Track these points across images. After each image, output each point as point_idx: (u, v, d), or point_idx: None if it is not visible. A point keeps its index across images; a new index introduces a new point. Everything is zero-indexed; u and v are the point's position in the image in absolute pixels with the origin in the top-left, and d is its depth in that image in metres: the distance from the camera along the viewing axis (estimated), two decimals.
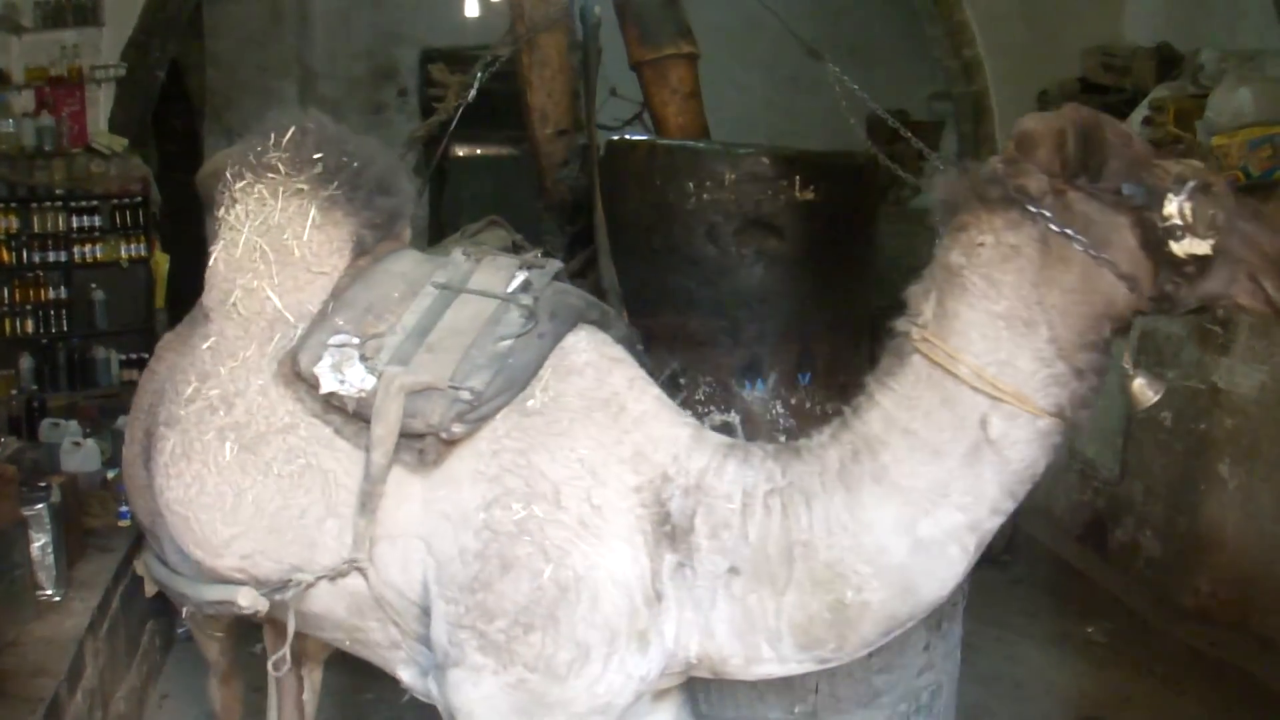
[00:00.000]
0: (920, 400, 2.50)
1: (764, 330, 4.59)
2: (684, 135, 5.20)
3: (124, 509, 5.87)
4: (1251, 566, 5.66)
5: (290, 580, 2.86)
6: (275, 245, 3.08)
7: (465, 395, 2.70)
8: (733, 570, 2.63)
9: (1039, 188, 2.38)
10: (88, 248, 8.50)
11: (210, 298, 3.15)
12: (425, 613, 2.79)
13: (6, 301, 8.39)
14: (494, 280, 3.02)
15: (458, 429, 2.69)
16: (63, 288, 8.54)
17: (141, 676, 5.56)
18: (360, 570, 2.79)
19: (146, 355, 8.33)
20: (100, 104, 8.41)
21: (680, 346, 4.31)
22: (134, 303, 8.70)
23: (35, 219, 8.40)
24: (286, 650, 2.95)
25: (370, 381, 2.78)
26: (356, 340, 2.88)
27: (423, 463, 2.72)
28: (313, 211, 3.07)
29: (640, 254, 4.68)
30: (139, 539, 5.74)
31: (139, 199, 8.57)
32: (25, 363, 8.23)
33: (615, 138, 5.68)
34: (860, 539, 2.55)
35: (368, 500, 2.74)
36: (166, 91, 9.50)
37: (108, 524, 5.77)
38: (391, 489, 2.75)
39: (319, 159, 3.10)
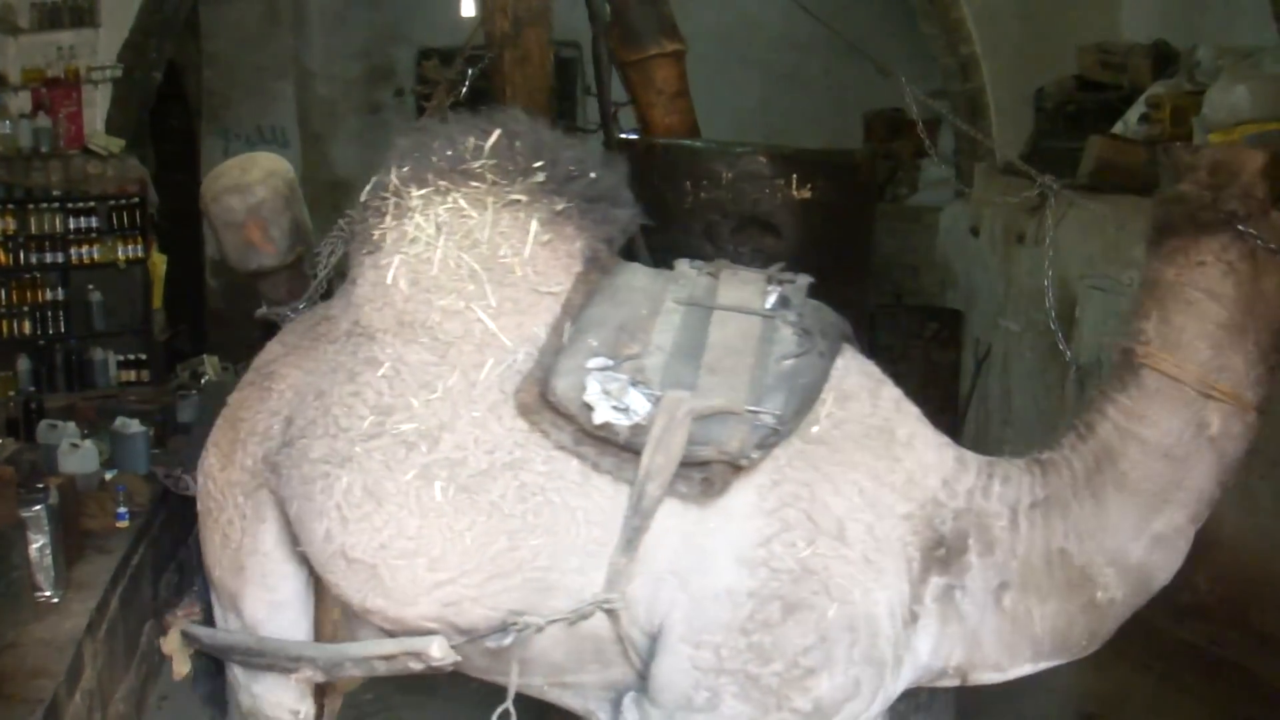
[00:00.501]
0: (1150, 410, 2.68)
1: None
2: (672, 135, 5.17)
3: (122, 510, 5.87)
4: (1250, 563, 5.65)
5: (514, 624, 2.63)
6: (488, 263, 2.79)
7: (768, 419, 2.56)
8: (1003, 585, 2.73)
9: (1247, 210, 2.61)
10: (85, 249, 8.50)
11: (379, 318, 2.87)
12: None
13: (4, 303, 8.38)
14: (745, 296, 2.83)
15: (756, 455, 2.55)
16: (60, 289, 8.53)
17: (140, 677, 5.55)
18: (610, 611, 2.62)
19: (144, 356, 8.48)
20: (97, 105, 8.40)
21: None
22: (131, 304, 8.70)
23: (32, 220, 8.39)
24: (510, 705, 2.70)
25: (648, 407, 2.58)
26: (611, 363, 2.66)
27: (706, 494, 2.56)
28: (534, 225, 2.81)
29: (637, 253, 4.68)
30: (136, 543, 5.70)
31: (136, 200, 8.57)
32: (23, 364, 8.23)
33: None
34: (1104, 542, 2.72)
35: (634, 536, 2.56)
36: (163, 92, 9.50)
37: (106, 525, 5.77)
38: (654, 522, 2.58)
39: (540, 167, 2.85)
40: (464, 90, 4.80)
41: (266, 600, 3.07)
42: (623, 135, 5.97)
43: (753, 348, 2.70)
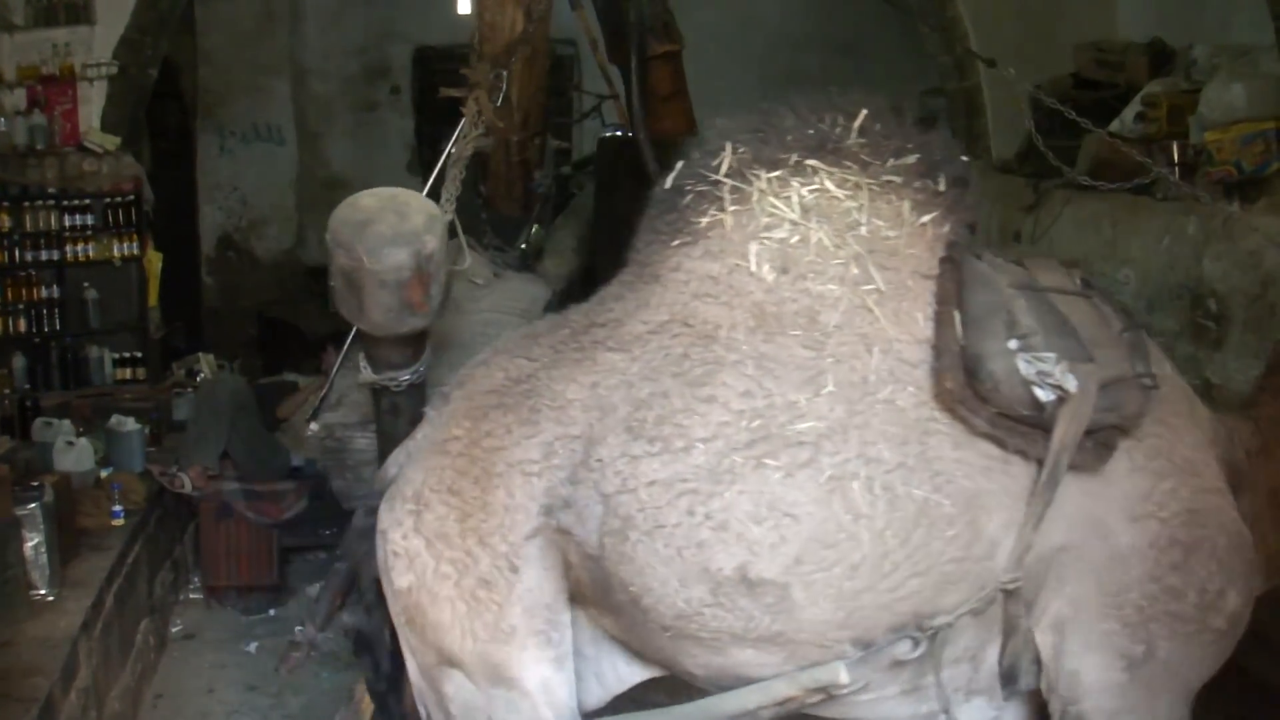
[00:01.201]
0: None
1: None
2: (666, 137, 5.11)
3: (117, 508, 5.87)
4: None
5: (928, 629, 2.57)
6: (871, 245, 2.66)
7: (1148, 381, 2.72)
8: (1257, 515, 2.95)
9: None
10: (80, 246, 8.45)
11: (724, 313, 2.66)
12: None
13: None
14: (1059, 279, 2.89)
15: (1144, 416, 2.72)
16: (55, 286, 8.49)
17: (136, 676, 5.55)
18: (1011, 592, 2.61)
19: (140, 354, 8.46)
20: (92, 102, 8.36)
21: None
22: (127, 301, 8.66)
23: (27, 218, 8.35)
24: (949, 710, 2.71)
25: (1074, 382, 2.61)
26: (1019, 344, 2.66)
27: (1100, 459, 2.65)
28: (906, 207, 2.72)
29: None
30: (132, 541, 5.67)
31: (131, 197, 8.53)
32: (18, 362, 8.20)
33: (608, 134, 5.66)
34: None
35: (1043, 510, 2.59)
36: (159, 89, 9.47)
37: (101, 523, 5.77)
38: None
39: (912, 149, 2.77)
40: (502, 93, 4.52)
41: (551, 657, 2.70)
42: (607, 131, 5.92)
43: (1098, 322, 2.79)
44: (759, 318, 2.64)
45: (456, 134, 4.42)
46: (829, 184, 2.68)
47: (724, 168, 2.71)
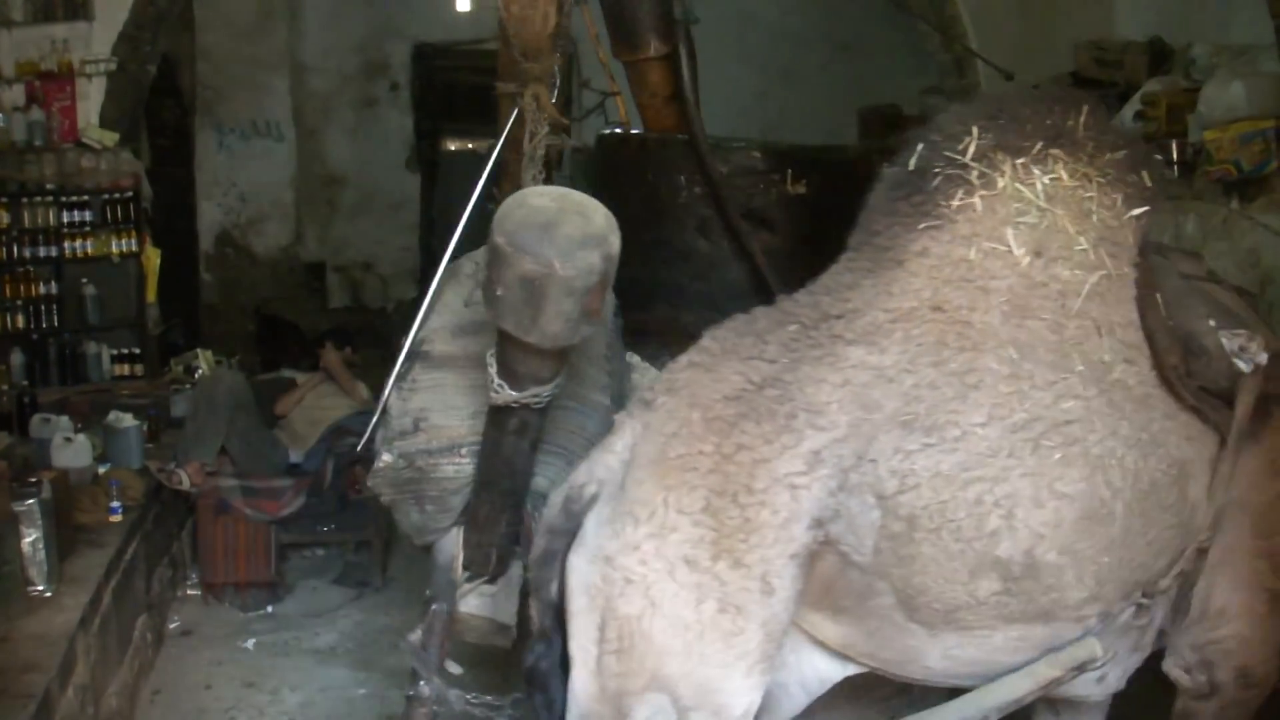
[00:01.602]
0: None
1: None
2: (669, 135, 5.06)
3: (115, 504, 5.86)
4: None
5: (1151, 592, 2.77)
6: (1102, 233, 2.78)
7: None
8: None
9: None
10: (78, 243, 8.46)
11: (979, 297, 2.67)
12: None
13: None
14: (1193, 268, 3.10)
15: None
16: (53, 283, 8.49)
17: (133, 672, 5.55)
18: (1203, 550, 2.81)
19: (138, 350, 8.47)
20: (91, 98, 8.37)
21: (672, 340, 4.29)
22: (125, 298, 8.67)
23: (25, 214, 8.35)
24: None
25: (1264, 356, 2.84)
26: (1214, 323, 2.87)
27: (1261, 423, 2.84)
28: (1119, 198, 2.82)
29: (632, 248, 4.65)
30: (129, 537, 5.65)
31: (130, 194, 8.53)
32: (16, 358, 8.19)
33: (606, 132, 5.64)
34: None
35: (1232, 470, 2.78)
36: (157, 86, 9.47)
37: (98, 519, 5.77)
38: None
39: (1126, 143, 2.90)
40: (555, 88, 4.35)
41: (763, 683, 2.60)
42: (608, 128, 5.88)
43: (1241, 305, 3.05)
44: (1012, 302, 2.69)
45: (504, 134, 4.25)
46: (1063, 172, 2.76)
47: (970, 152, 2.75)
